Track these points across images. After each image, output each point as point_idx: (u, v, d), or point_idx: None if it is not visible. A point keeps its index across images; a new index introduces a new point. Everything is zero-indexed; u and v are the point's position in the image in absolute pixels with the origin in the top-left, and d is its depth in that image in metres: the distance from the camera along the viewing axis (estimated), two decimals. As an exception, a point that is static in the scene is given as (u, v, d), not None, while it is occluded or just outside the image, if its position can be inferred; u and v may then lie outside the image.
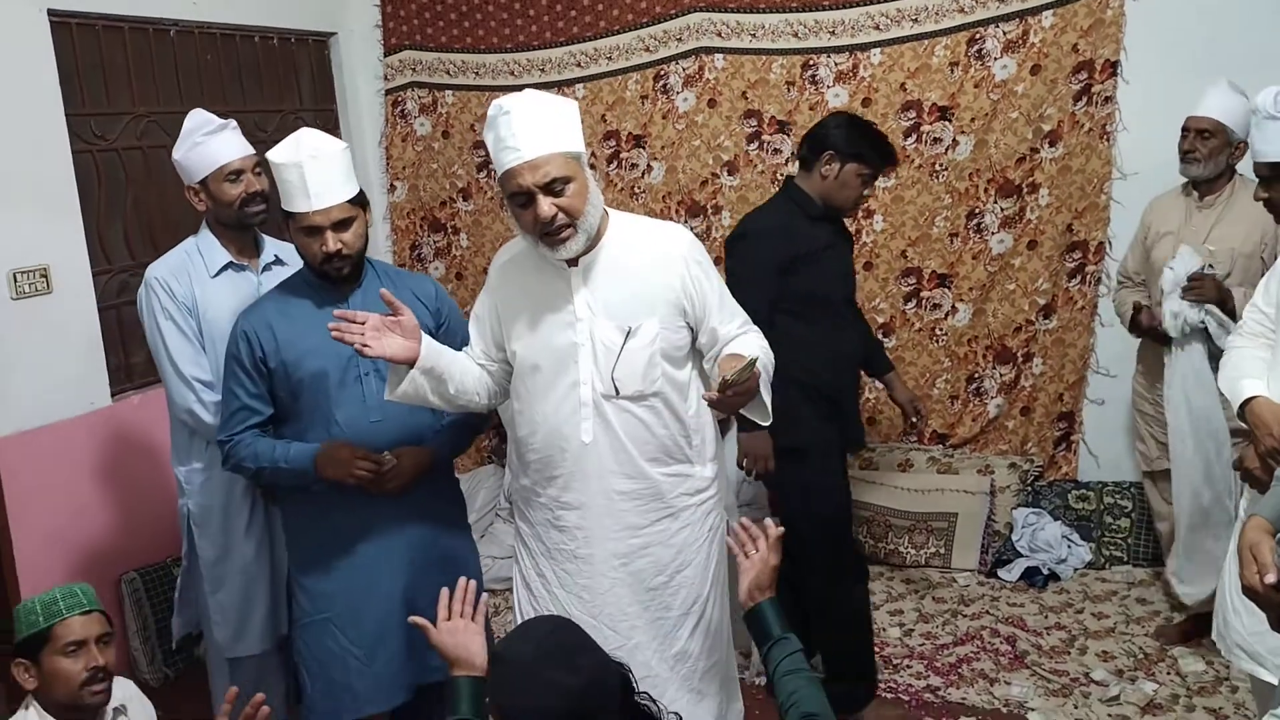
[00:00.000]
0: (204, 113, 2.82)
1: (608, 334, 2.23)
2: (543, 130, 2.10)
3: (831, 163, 3.00)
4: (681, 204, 4.55)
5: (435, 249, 5.06)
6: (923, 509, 4.22)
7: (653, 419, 2.27)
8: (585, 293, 2.24)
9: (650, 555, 2.31)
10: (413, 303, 2.50)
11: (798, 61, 4.32)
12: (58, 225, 3.47)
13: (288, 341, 2.42)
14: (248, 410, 2.46)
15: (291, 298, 2.49)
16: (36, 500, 3.37)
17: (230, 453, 2.48)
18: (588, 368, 2.24)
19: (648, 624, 2.30)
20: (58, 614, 2.13)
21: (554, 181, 2.10)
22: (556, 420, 2.27)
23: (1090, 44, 3.95)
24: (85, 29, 3.64)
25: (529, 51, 4.73)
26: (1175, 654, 3.45)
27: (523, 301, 2.30)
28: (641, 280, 2.25)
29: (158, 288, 2.76)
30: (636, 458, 2.27)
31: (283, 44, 4.62)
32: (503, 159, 2.13)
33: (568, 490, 2.30)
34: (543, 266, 2.26)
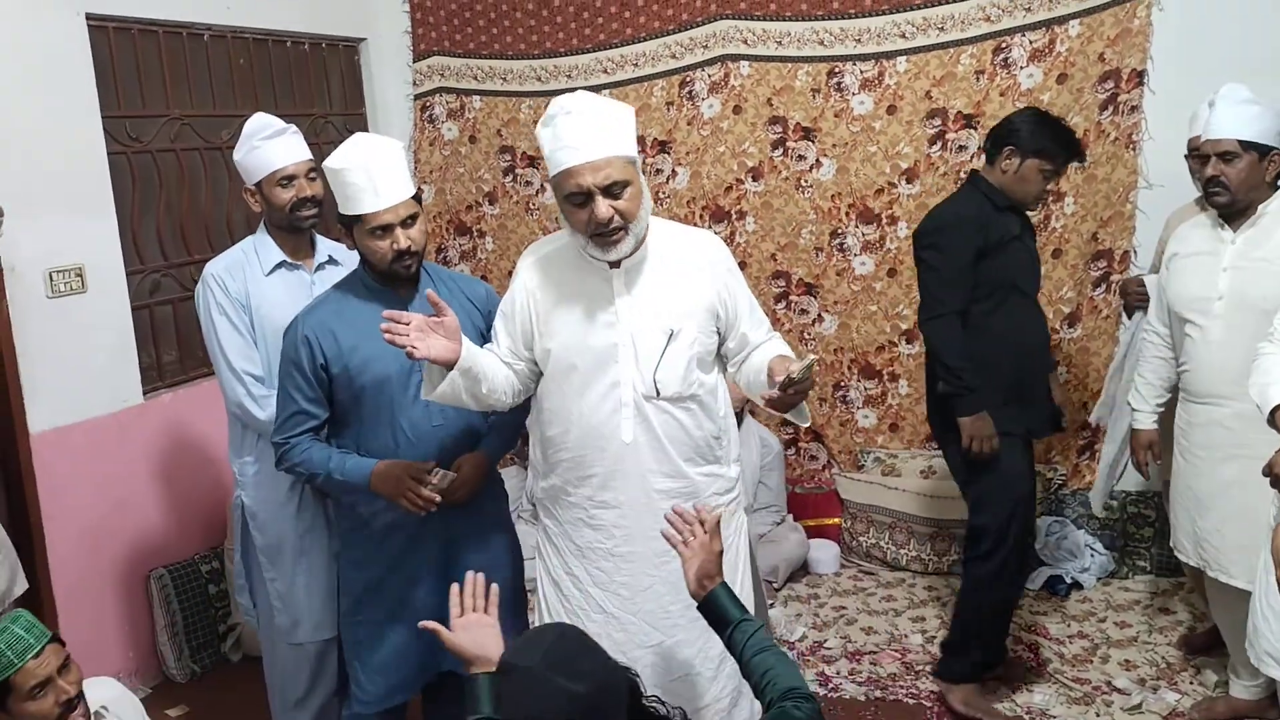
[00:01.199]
0: (265, 116, 2.88)
1: (650, 336, 2.25)
2: (604, 132, 2.13)
3: (1012, 157, 3.07)
4: (706, 209, 4.57)
5: (461, 252, 5.10)
6: (945, 516, 4.22)
7: (689, 420, 2.30)
8: (626, 294, 2.26)
9: None
10: (464, 304, 2.55)
11: (823, 69, 4.34)
12: (93, 225, 3.52)
13: (351, 347, 2.43)
14: (304, 414, 2.47)
15: (351, 301, 2.49)
16: (69, 496, 3.42)
17: (285, 455, 2.50)
18: (628, 368, 2.25)
19: (690, 622, 2.30)
20: (10, 666, 2.07)
21: (614, 184, 2.13)
22: (595, 419, 2.28)
23: (1117, 53, 3.95)
24: (121, 33, 3.70)
25: (555, 58, 4.76)
26: (1198, 664, 3.44)
27: (560, 300, 2.30)
28: (680, 284, 2.28)
29: (213, 284, 2.84)
30: (675, 458, 2.30)
31: (314, 49, 4.68)
32: (562, 157, 2.14)
33: (605, 489, 2.31)
34: (582, 266, 2.28)
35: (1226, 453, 2.90)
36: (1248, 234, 2.91)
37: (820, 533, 4.47)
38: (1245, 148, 2.85)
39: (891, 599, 4.08)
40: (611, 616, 2.34)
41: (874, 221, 4.36)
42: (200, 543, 3.87)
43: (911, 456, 4.45)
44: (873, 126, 4.30)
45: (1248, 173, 2.85)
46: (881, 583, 4.24)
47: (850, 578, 4.31)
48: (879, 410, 4.53)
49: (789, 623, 3.89)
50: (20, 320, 3.27)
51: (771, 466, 4.37)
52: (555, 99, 2.21)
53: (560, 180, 2.16)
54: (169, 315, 3.91)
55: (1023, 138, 3.05)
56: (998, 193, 3.11)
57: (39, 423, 3.33)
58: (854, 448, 4.60)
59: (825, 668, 3.59)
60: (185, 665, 3.74)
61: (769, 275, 4.55)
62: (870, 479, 4.43)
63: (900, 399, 4.48)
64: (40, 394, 3.33)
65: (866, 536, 4.37)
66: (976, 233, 3.06)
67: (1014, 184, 3.09)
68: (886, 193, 4.32)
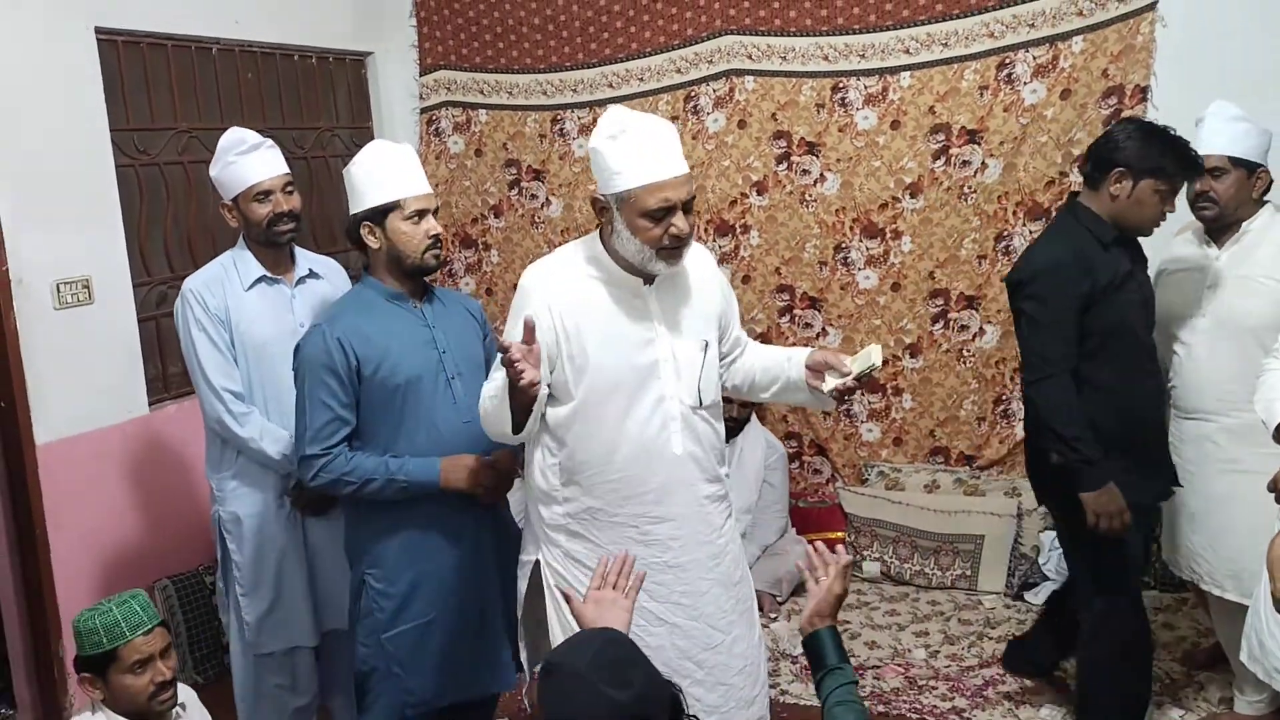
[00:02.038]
0: (240, 131, 2.88)
1: (687, 349, 2.31)
2: (678, 148, 2.21)
3: (1122, 180, 2.68)
4: (710, 223, 4.59)
5: (466, 265, 5.12)
6: (949, 530, 4.22)
7: (718, 426, 2.40)
8: (660, 310, 2.31)
9: (730, 553, 2.42)
10: (466, 320, 2.64)
11: (827, 84, 4.36)
12: (100, 237, 3.55)
13: (384, 348, 2.46)
14: (339, 421, 2.45)
15: (372, 307, 2.52)
16: (74, 506, 3.43)
17: (327, 466, 2.44)
18: (671, 383, 2.28)
19: (740, 615, 2.41)
20: (121, 637, 2.20)
21: (691, 200, 2.20)
22: (644, 437, 2.27)
23: (1120, 69, 3.96)
24: (131, 46, 3.73)
25: (561, 72, 4.79)
26: (1202, 679, 3.44)
27: (594, 321, 2.26)
28: (698, 297, 2.36)
29: (192, 300, 2.83)
30: (714, 463, 2.38)
31: (321, 63, 4.71)
32: (651, 170, 2.14)
33: (660, 504, 2.30)
34: (613, 285, 2.27)
35: (1217, 468, 2.94)
36: (1232, 250, 2.95)
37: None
38: (1233, 164, 2.89)
39: (895, 613, 4.08)
40: (675, 627, 2.34)
41: (878, 236, 4.37)
42: (204, 554, 3.88)
43: (915, 471, 4.45)
44: (877, 141, 4.31)
45: (1235, 188, 2.90)
46: (885, 597, 4.23)
47: (853, 592, 4.30)
48: (883, 424, 4.54)
49: (792, 637, 3.89)
50: (27, 331, 3.29)
51: (775, 466, 4.38)
52: (610, 116, 2.22)
53: (640, 196, 2.15)
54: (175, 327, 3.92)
55: (1131, 156, 2.67)
56: (1103, 225, 2.72)
57: (45, 434, 3.35)
58: (858, 461, 4.60)
59: (828, 682, 3.59)
60: (189, 676, 3.74)
61: (773, 289, 4.56)
62: (874, 493, 4.43)
63: (904, 413, 4.48)
64: (47, 405, 3.35)
65: (870, 550, 4.37)
66: (1082, 277, 2.67)
67: (1127, 210, 2.70)
68: (890, 207, 4.34)
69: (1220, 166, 2.89)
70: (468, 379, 2.54)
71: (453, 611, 2.56)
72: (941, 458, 4.47)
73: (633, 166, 2.15)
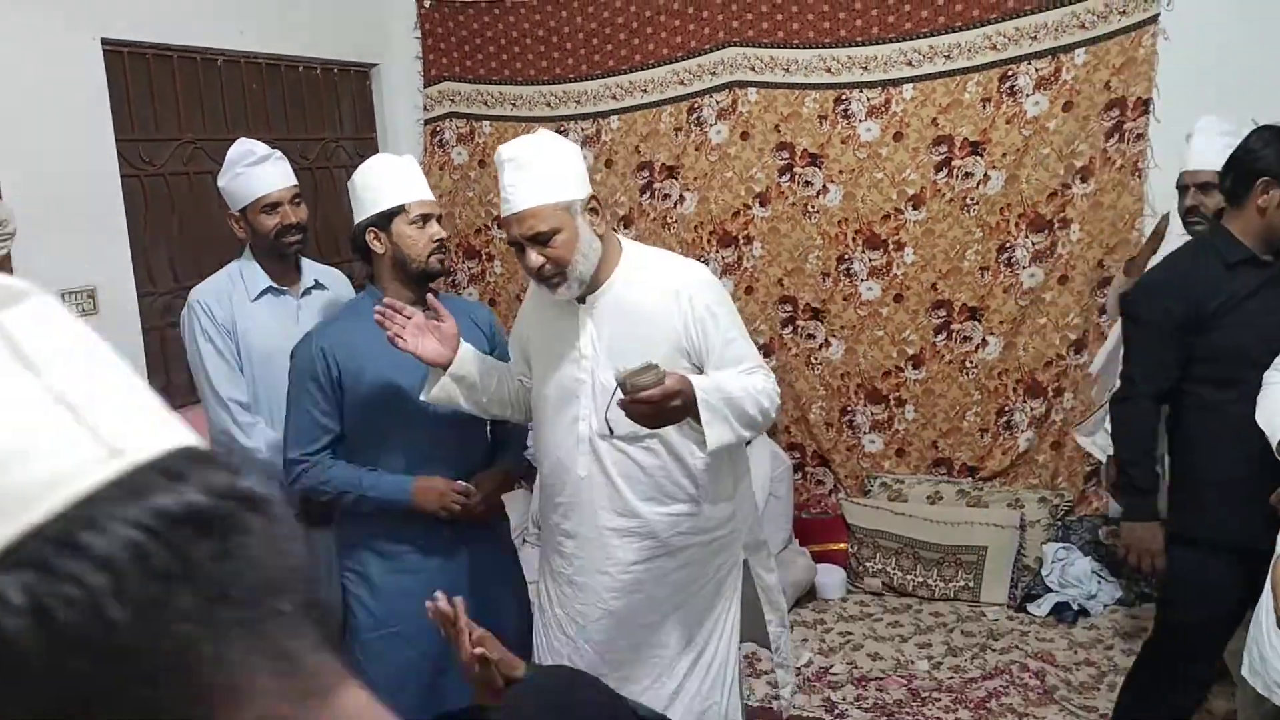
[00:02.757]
0: (248, 142, 2.89)
1: (606, 375, 2.20)
2: (535, 181, 2.16)
3: (1270, 190, 2.51)
4: (713, 234, 4.60)
5: (470, 275, 5.13)
6: (952, 542, 4.22)
7: (648, 459, 2.26)
8: (592, 331, 2.28)
9: (643, 592, 2.31)
10: (468, 326, 2.59)
11: (830, 96, 4.37)
12: (105, 248, 3.55)
13: (367, 360, 2.46)
14: (321, 428, 2.47)
15: (365, 318, 2.50)
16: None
17: (305, 474, 2.46)
18: (587, 405, 2.28)
19: (642, 660, 2.34)
20: None
21: (539, 234, 2.15)
22: (559, 452, 2.33)
23: (1123, 81, 3.98)
24: (136, 57, 3.74)
25: (565, 84, 4.81)
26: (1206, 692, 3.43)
27: (542, 333, 2.38)
28: (645, 321, 2.23)
29: (199, 310, 2.84)
30: (629, 496, 2.27)
31: (326, 74, 4.73)
32: (501, 206, 2.23)
33: (566, 519, 2.37)
34: (556, 303, 2.31)
35: None
36: None
37: (826, 557, 4.47)
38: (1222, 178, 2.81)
39: (898, 625, 4.08)
40: (571, 640, 2.39)
41: (880, 247, 4.38)
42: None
43: (918, 482, 4.45)
44: (879, 153, 4.33)
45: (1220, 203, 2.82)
46: (888, 608, 4.23)
47: (856, 603, 4.30)
48: (885, 435, 4.54)
49: (795, 648, 3.88)
50: (32, 341, 3.29)
51: (781, 478, 4.38)
52: (501, 148, 2.24)
53: (503, 227, 2.28)
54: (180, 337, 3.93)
55: (1275, 163, 2.51)
56: (1234, 244, 2.57)
57: (49, 443, 3.34)
58: (860, 473, 4.61)
59: (831, 693, 3.58)
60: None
61: (776, 300, 4.57)
62: (877, 504, 4.43)
63: (907, 424, 4.49)
64: (51, 415, 3.35)
65: (873, 562, 4.37)
66: (1179, 299, 2.56)
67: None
68: (893, 218, 4.35)
69: (1209, 181, 2.87)
70: None
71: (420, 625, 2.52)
72: (944, 469, 4.48)
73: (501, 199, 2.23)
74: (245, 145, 2.89)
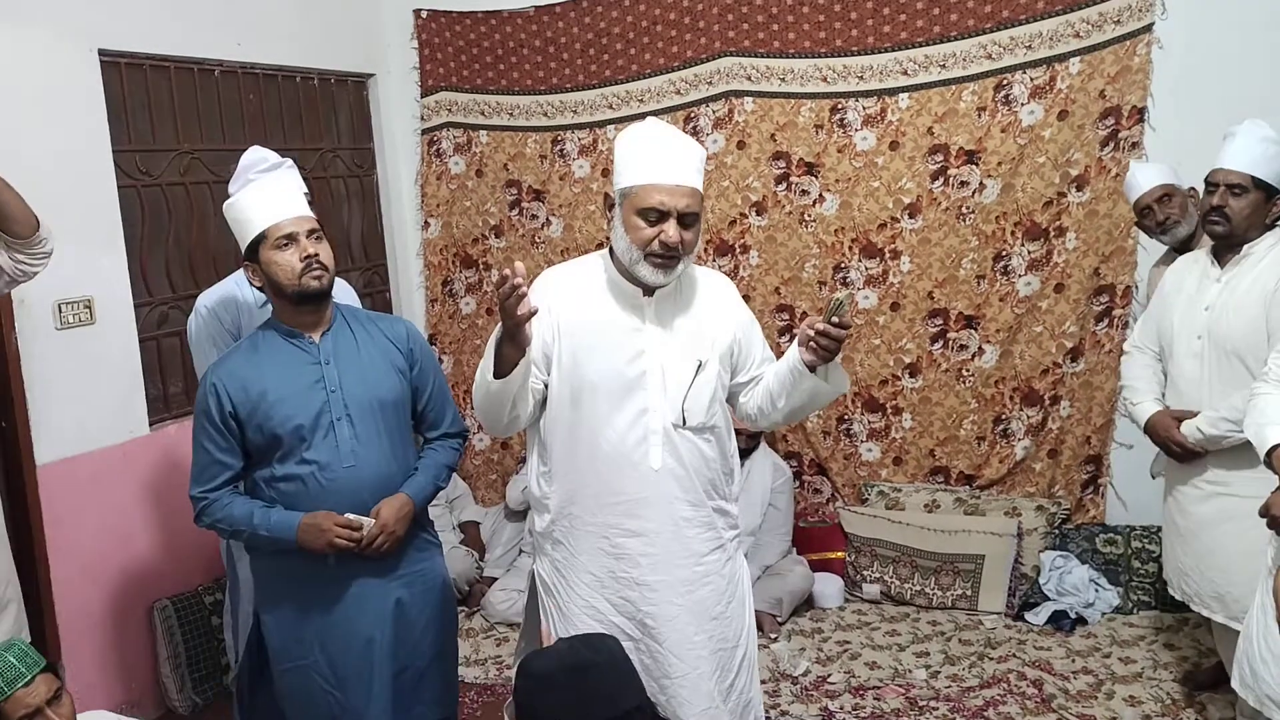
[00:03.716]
0: (261, 150, 2.93)
1: (678, 365, 2.28)
2: (695, 165, 2.22)
3: None
4: (710, 243, 4.60)
5: (467, 285, 5.13)
6: (949, 550, 4.21)
7: (710, 452, 2.33)
8: (656, 323, 2.30)
9: (711, 584, 2.34)
10: (383, 345, 2.56)
11: (826, 105, 4.38)
12: (102, 258, 3.56)
13: (260, 392, 2.43)
14: (219, 465, 2.46)
15: (261, 348, 2.50)
16: (74, 526, 3.43)
17: (204, 511, 2.47)
18: (656, 396, 2.27)
19: (710, 653, 2.33)
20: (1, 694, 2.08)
21: (689, 214, 2.19)
22: (623, 446, 2.27)
23: (1117, 90, 3.99)
24: (133, 68, 3.75)
25: (562, 93, 4.81)
26: (1203, 699, 3.42)
27: (589, 324, 2.30)
28: (706, 319, 2.33)
29: (205, 315, 2.86)
30: (699, 487, 2.32)
31: (323, 84, 4.74)
32: (651, 172, 2.19)
33: (632, 516, 2.29)
34: (614, 292, 2.30)
35: (1206, 491, 2.96)
36: (1231, 273, 2.95)
37: (824, 566, 4.46)
38: (1255, 184, 2.88)
39: (895, 633, 4.07)
40: (639, 643, 2.32)
41: (877, 256, 4.39)
42: (203, 574, 3.88)
43: (915, 490, 4.45)
44: (875, 162, 4.33)
45: (1251, 209, 2.88)
46: (885, 617, 4.22)
47: (854, 612, 4.29)
48: (882, 444, 4.54)
49: (793, 657, 3.88)
50: (29, 352, 3.29)
51: (781, 489, 4.38)
52: (645, 120, 2.28)
53: (639, 193, 2.19)
54: (176, 347, 3.93)
55: None
56: None
57: (46, 454, 3.35)
58: (857, 481, 4.60)
59: (829, 702, 3.58)
60: (188, 697, 3.73)
61: (772, 309, 4.57)
62: (874, 513, 4.42)
63: (904, 432, 4.49)
64: (47, 425, 3.35)
65: (871, 570, 4.36)
66: None
67: None
68: (889, 227, 4.35)
69: (1241, 184, 2.88)
70: (359, 420, 2.47)
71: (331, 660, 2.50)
72: (941, 477, 4.47)
73: (641, 165, 2.21)
74: (258, 153, 2.95)
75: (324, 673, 2.50)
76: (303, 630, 2.51)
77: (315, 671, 2.50)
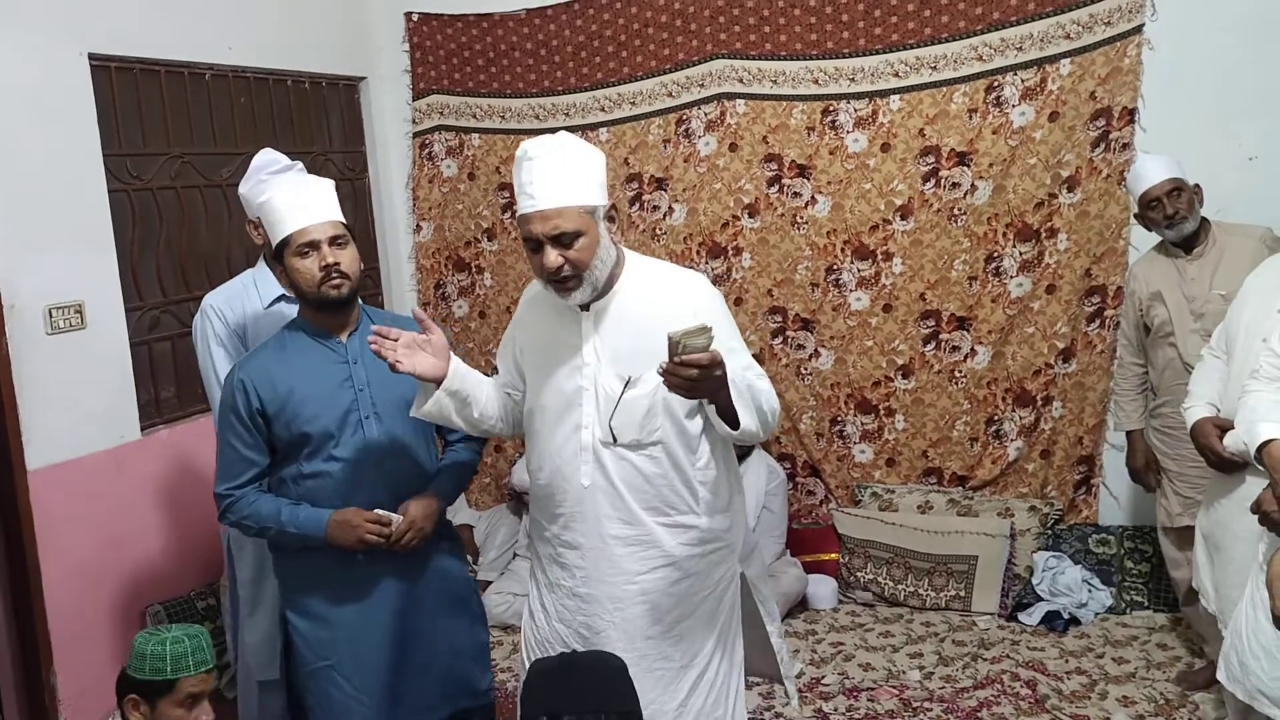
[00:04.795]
0: (272, 153, 2.93)
1: (609, 381, 2.24)
2: (562, 182, 2.14)
3: None
4: (703, 245, 4.60)
5: (459, 288, 5.13)
6: (943, 551, 4.22)
7: (651, 467, 2.26)
8: (595, 338, 2.27)
9: (647, 602, 2.30)
10: None
11: (818, 107, 4.39)
12: (93, 262, 3.54)
13: (288, 390, 2.45)
14: (246, 462, 2.48)
15: (289, 346, 2.52)
16: (65, 531, 3.41)
17: (230, 508, 2.49)
18: (590, 412, 2.26)
19: (644, 671, 2.29)
20: (185, 669, 2.22)
21: (563, 235, 2.13)
22: (559, 461, 2.31)
23: (1108, 91, 4.00)
24: (124, 72, 3.74)
25: (554, 96, 4.81)
26: (1196, 699, 3.43)
27: (540, 340, 2.35)
28: (650, 330, 2.17)
29: (212, 315, 2.86)
30: (632, 505, 2.27)
31: (314, 88, 4.73)
32: (521, 203, 2.18)
33: (568, 529, 2.33)
34: (560, 308, 2.30)
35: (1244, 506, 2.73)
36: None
37: (818, 568, 4.47)
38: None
39: (889, 635, 4.07)
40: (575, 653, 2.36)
41: (869, 257, 4.39)
42: (196, 578, 3.87)
43: (909, 491, 4.45)
44: (867, 164, 4.34)
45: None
46: (879, 618, 4.22)
47: (848, 613, 4.30)
48: (875, 445, 4.54)
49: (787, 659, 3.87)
50: (19, 357, 3.28)
51: (775, 492, 4.38)
52: (527, 140, 2.23)
53: (520, 224, 2.21)
54: (168, 351, 3.92)
55: None
56: None
57: (37, 459, 3.33)
58: (851, 483, 4.61)
59: (823, 704, 3.58)
60: (180, 703, 3.71)
61: (765, 311, 4.57)
62: (867, 514, 4.43)
63: (897, 434, 4.49)
64: (38, 431, 3.34)
65: (864, 572, 4.36)
66: None
67: None
68: (881, 229, 4.36)
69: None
70: (386, 417, 2.50)
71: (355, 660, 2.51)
72: (934, 478, 4.48)
73: (516, 195, 2.20)
74: (268, 155, 2.95)
75: (347, 673, 2.50)
76: (328, 630, 2.51)
77: (339, 672, 2.51)
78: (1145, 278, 3.57)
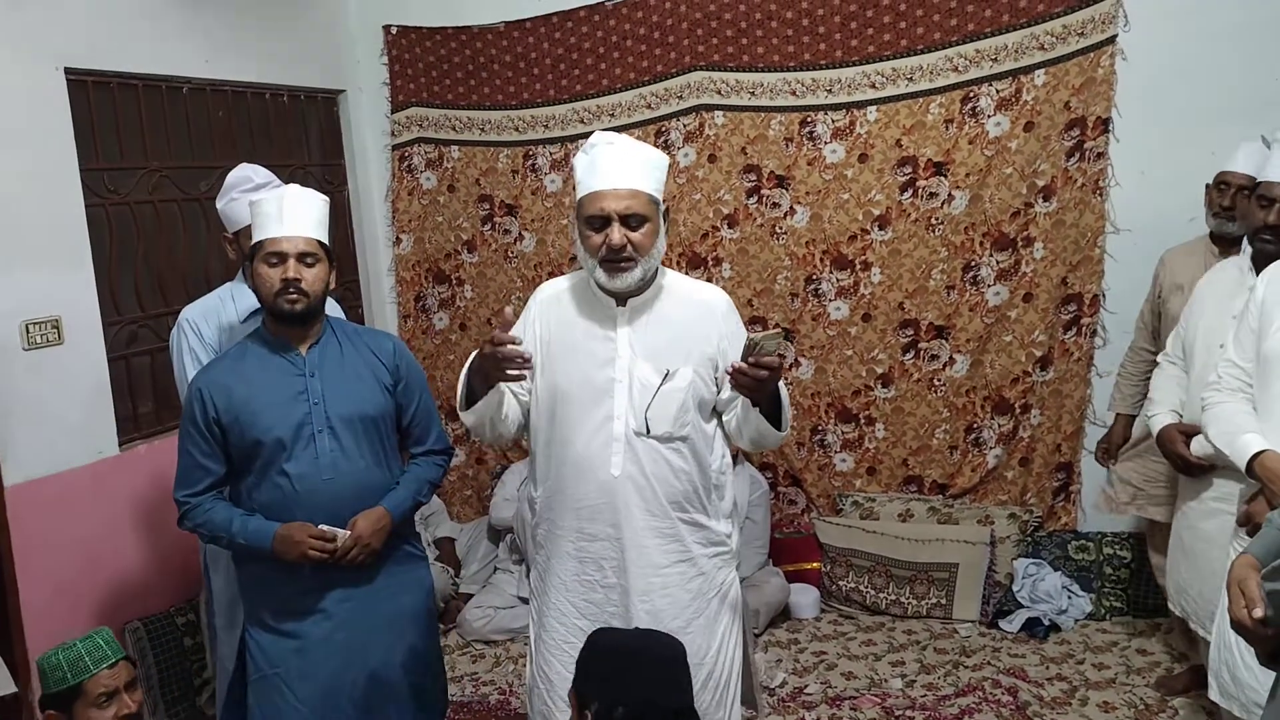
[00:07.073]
0: (248, 168, 2.94)
1: (645, 374, 2.31)
2: (637, 168, 2.26)
3: None
4: (683, 255, 4.62)
5: (440, 300, 5.12)
6: (923, 559, 4.23)
7: (679, 462, 2.33)
8: (628, 331, 2.33)
9: (669, 595, 2.35)
10: (368, 359, 2.60)
11: (796, 118, 4.41)
12: (70, 277, 3.52)
13: (243, 400, 2.47)
14: (202, 470, 2.50)
15: (248, 357, 2.54)
16: (43, 548, 3.39)
17: (187, 514, 2.52)
18: (623, 404, 2.30)
19: None
20: (85, 671, 2.21)
21: (633, 216, 2.23)
22: (587, 452, 2.32)
23: (1082, 101, 4.03)
24: (100, 86, 3.73)
25: (532, 108, 4.82)
26: (1176, 704, 3.45)
27: (566, 333, 2.37)
28: (682, 328, 2.34)
29: (188, 329, 2.86)
30: (660, 497, 2.33)
31: (293, 101, 4.72)
32: (592, 181, 2.26)
33: (592, 521, 2.34)
34: (591, 302, 2.36)
35: (1210, 507, 2.87)
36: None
37: (800, 577, 4.47)
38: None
39: (871, 643, 4.08)
40: None
41: (848, 267, 4.41)
42: (175, 595, 3.84)
43: (889, 500, 4.47)
44: (845, 174, 4.36)
45: None
46: (861, 627, 4.23)
47: (830, 622, 4.31)
48: (856, 454, 4.56)
49: (769, 668, 3.88)
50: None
51: (758, 503, 4.39)
52: (597, 133, 2.32)
53: (585, 203, 2.27)
54: (146, 366, 3.91)
55: None
56: None
57: (14, 475, 3.31)
58: (832, 491, 4.62)
59: (805, 714, 3.58)
60: (160, 719, 3.69)
61: (746, 321, 4.54)
62: (849, 523, 4.44)
63: (877, 442, 4.51)
64: (16, 446, 3.31)
65: (846, 580, 4.37)
66: None
67: None
68: (860, 239, 4.38)
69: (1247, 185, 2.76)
70: (341, 432, 2.51)
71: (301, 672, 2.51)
72: (915, 486, 4.50)
73: (584, 178, 2.28)
74: (244, 171, 2.96)
75: (291, 682, 2.50)
76: (278, 639, 2.53)
77: (284, 681, 2.51)
78: (1173, 266, 3.49)
